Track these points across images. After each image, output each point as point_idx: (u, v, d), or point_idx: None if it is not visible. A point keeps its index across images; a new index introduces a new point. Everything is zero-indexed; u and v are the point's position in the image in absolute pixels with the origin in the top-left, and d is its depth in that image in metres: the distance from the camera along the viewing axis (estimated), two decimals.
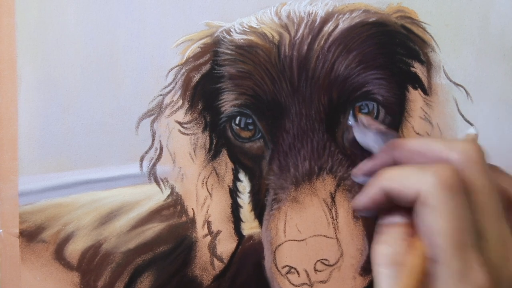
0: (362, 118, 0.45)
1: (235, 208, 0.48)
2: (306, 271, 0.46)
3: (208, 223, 0.47)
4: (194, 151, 0.47)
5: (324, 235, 0.46)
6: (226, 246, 0.47)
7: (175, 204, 0.47)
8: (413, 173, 0.34)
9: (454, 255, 0.31)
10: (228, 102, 0.46)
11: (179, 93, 0.47)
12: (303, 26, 0.46)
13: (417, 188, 0.33)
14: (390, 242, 0.35)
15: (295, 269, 0.46)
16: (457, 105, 0.49)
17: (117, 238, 0.46)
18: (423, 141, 0.38)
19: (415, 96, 0.48)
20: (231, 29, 0.47)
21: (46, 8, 0.45)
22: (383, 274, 0.34)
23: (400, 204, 0.35)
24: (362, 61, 0.46)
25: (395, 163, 0.39)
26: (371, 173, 0.41)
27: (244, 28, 0.47)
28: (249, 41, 0.46)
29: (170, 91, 0.47)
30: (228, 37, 0.47)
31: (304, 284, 0.46)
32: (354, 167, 0.47)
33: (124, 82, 0.46)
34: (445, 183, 0.32)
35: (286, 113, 0.46)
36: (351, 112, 0.47)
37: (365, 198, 0.38)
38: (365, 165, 0.42)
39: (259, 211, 0.47)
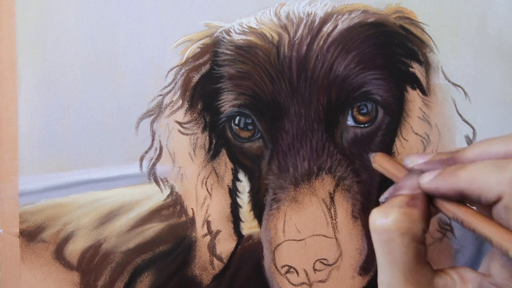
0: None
1: (235, 207, 0.48)
2: (305, 270, 0.46)
3: (208, 223, 0.47)
4: (194, 151, 0.47)
5: (323, 235, 0.46)
6: (226, 245, 0.47)
7: (174, 204, 0.47)
8: (492, 173, 0.31)
9: None
10: (228, 102, 0.47)
11: (178, 93, 0.47)
12: (302, 26, 0.47)
13: (499, 192, 0.31)
14: (386, 210, 0.34)
15: (294, 268, 0.46)
16: (455, 105, 0.49)
17: (117, 238, 0.46)
18: (478, 146, 0.35)
19: (413, 96, 0.49)
20: (231, 30, 0.47)
21: (46, 8, 0.45)
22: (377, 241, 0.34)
23: (475, 202, 0.33)
24: (361, 61, 0.46)
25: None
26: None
27: (243, 29, 0.47)
28: (249, 41, 0.46)
29: (170, 91, 0.47)
30: (228, 37, 0.47)
31: (303, 283, 0.46)
32: (352, 167, 0.47)
33: (124, 82, 0.46)
34: None
35: (285, 113, 0.46)
36: (349, 112, 0.47)
37: (435, 191, 0.35)
38: (421, 158, 0.38)
39: (258, 210, 0.47)
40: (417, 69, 0.49)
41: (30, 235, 0.45)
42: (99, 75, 0.46)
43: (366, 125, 0.47)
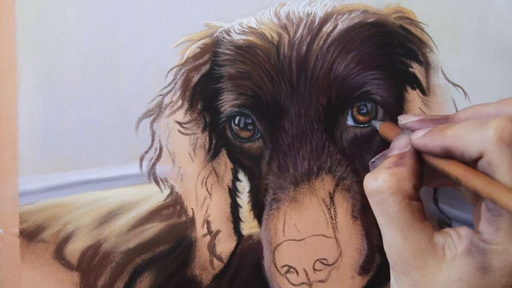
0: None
1: (235, 207, 0.48)
2: (305, 270, 0.46)
3: (208, 223, 0.47)
4: (194, 151, 0.47)
5: (323, 235, 0.46)
6: (226, 245, 0.47)
7: (174, 203, 0.47)
8: (474, 130, 0.33)
9: None
10: (228, 102, 0.47)
11: (178, 93, 0.47)
12: (302, 26, 0.47)
13: (480, 149, 0.32)
14: (375, 173, 0.36)
15: (294, 268, 0.46)
16: (455, 105, 0.49)
17: (117, 237, 0.46)
18: (472, 108, 0.37)
19: (413, 96, 0.49)
20: (231, 30, 0.47)
21: (46, 8, 0.45)
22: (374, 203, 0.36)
23: (460, 159, 0.34)
24: (360, 61, 0.46)
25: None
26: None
27: (243, 29, 0.47)
28: (249, 41, 0.46)
29: (170, 91, 0.47)
30: (228, 37, 0.47)
31: (303, 283, 0.46)
32: (352, 167, 0.47)
33: (124, 82, 0.46)
34: (507, 140, 0.31)
35: (285, 113, 0.46)
36: (349, 112, 0.47)
37: (423, 148, 0.36)
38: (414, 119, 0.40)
39: (258, 210, 0.48)
40: (417, 69, 0.49)
41: (30, 235, 0.45)
42: (99, 75, 0.46)
43: (366, 125, 0.47)
